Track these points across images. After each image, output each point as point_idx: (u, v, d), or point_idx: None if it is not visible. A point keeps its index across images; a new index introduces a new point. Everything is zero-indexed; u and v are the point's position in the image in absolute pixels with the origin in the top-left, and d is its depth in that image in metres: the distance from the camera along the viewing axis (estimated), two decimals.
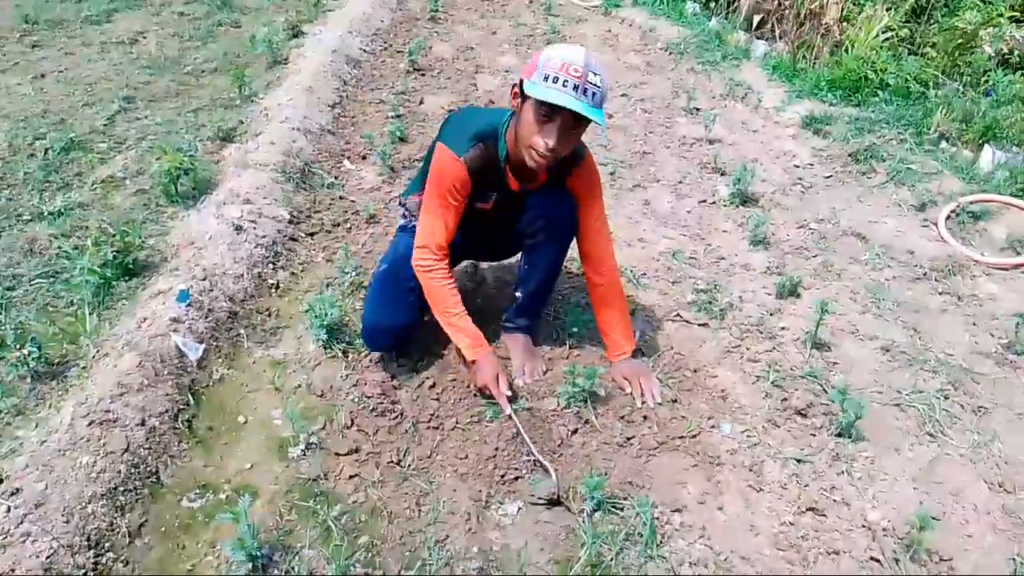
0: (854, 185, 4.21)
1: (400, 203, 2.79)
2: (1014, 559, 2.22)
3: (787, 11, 5.72)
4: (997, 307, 3.29)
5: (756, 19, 5.99)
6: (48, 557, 1.91)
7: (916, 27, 5.38)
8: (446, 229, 2.47)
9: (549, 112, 2.17)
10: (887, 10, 5.40)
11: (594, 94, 2.16)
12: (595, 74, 2.15)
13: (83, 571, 1.94)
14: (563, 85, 2.13)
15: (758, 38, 5.90)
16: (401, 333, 2.66)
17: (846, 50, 5.33)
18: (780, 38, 5.78)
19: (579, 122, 2.22)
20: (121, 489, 2.14)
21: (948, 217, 3.83)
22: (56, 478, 2.08)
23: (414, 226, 2.61)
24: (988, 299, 3.35)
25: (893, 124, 4.62)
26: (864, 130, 4.59)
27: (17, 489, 2.06)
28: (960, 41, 4.95)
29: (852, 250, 3.65)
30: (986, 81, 4.66)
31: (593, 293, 2.74)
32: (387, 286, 2.62)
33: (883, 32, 5.30)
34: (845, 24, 5.50)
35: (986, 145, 4.24)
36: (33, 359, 2.45)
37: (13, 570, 1.86)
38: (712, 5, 6.66)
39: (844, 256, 3.59)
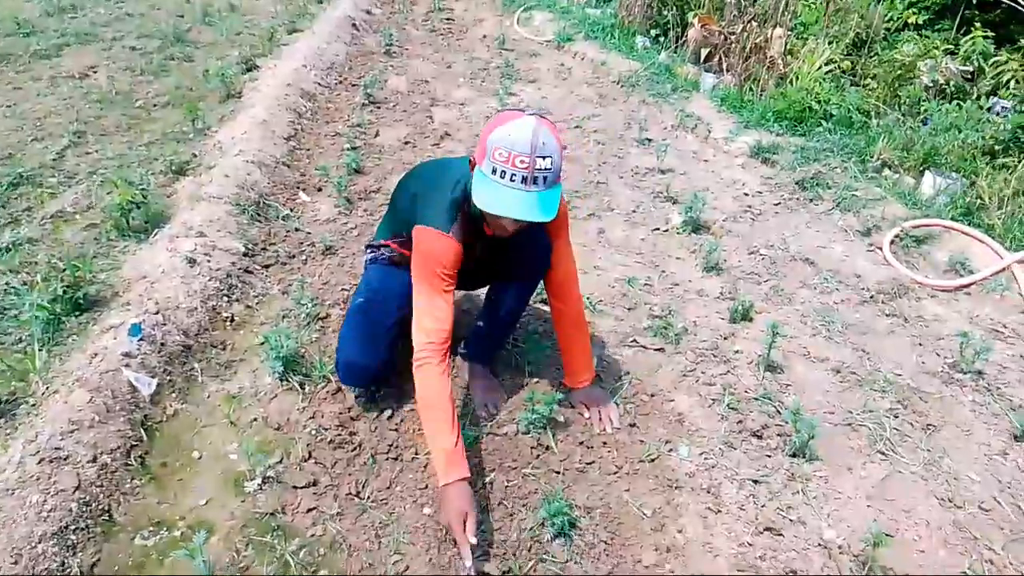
0: (802, 212, 4.32)
1: (368, 246, 2.77)
2: (965, 573, 2.27)
3: (733, 45, 5.89)
4: (942, 327, 3.40)
5: (704, 52, 6.15)
6: None
7: (857, 59, 5.59)
8: (446, 314, 2.31)
9: None
10: (829, 43, 5.60)
11: (545, 179, 2.13)
12: (543, 157, 2.10)
13: None
14: (511, 179, 2.11)
15: (706, 71, 6.06)
16: (378, 371, 2.60)
17: (791, 82, 5.50)
18: (727, 71, 5.94)
19: None
20: (72, 528, 2.09)
21: (892, 241, 3.95)
22: (4, 518, 2.03)
23: (385, 257, 2.61)
24: (933, 320, 3.46)
25: (837, 152, 4.77)
26: (810, 159, 4.73)
27: None
28: (899, 72, 5.15)
29: (801, 275, 3.74)
30: (924, 110, 4.84)
31: (557, 321, 2.74)
32: (362, 323, 2.58)
33: (826, 64, 5.50)
34: (789, 57, 5.68)
35: (926, 171, 4.40)
36: None
37: None
38: (661, 39, 6.83)
39: (794, 280, 3.68)
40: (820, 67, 5.47)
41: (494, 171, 2.13)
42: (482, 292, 2.88)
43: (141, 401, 2.52)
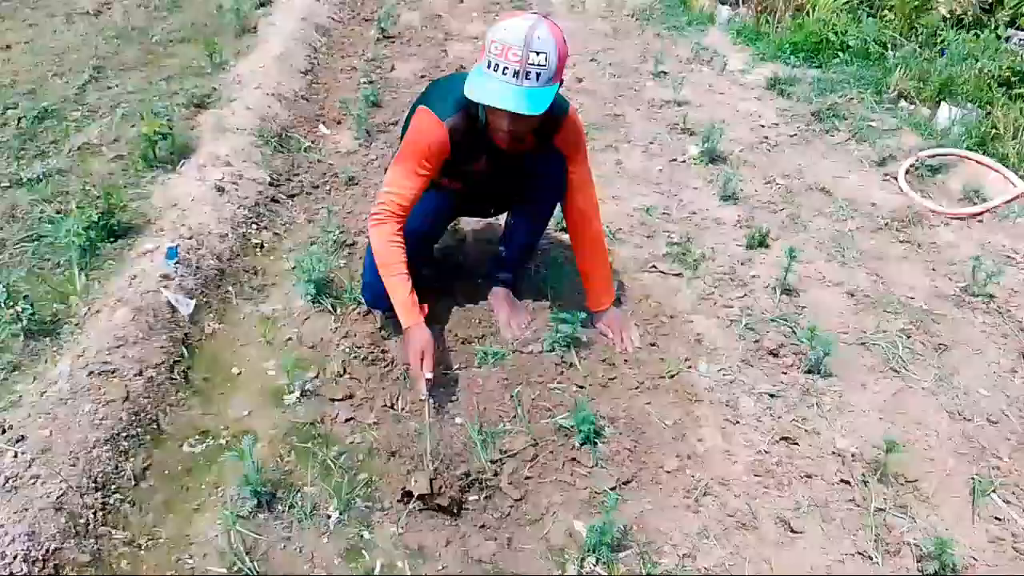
0: (818, 143, 4.35)
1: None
2: (973, 479, 2.38)
3: None
4: (955, 253, 3.45)
5: None
6: (58, 497, 1.97)
7: None
8: (411, 191, 2.43)
9: None
10: None
11: (538, 74, 2.15)
12: (537, 53, 2.12)
13: (92, 510, 2.01)
14: (503, 72, 2.14)
15: (722, 3, 6.00)
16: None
17: (807, 14, 5.45)
18: (743, 3, 5.88)
19: None
20: (123, 435, 2.20)
21: (907, 171, 3.99)
22: (60, 425, 2.14)
23: None
24: (946, 246, 3.51)
25: (854, 84, 4.77)
26: (826, 90, 4.74)
27: (22, 436, 2.11)
28: (916, 3, 5.10)
29: (817, 203, 3.79)
30: (941, 41, 4.82)
31: (577, 247, 2.81)
32: None
33: None
34: None
35: (942, 102, 4.41)
36: (26, 316, 2.48)
37: (26, 509, 1.91)
38: None
39: (810, 209, 3.73)
40: None
41: (488, 64, 2.18)
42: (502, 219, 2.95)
43: (181, 320, 2.62)
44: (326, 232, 3.17)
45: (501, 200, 2.86)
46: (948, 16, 4.95)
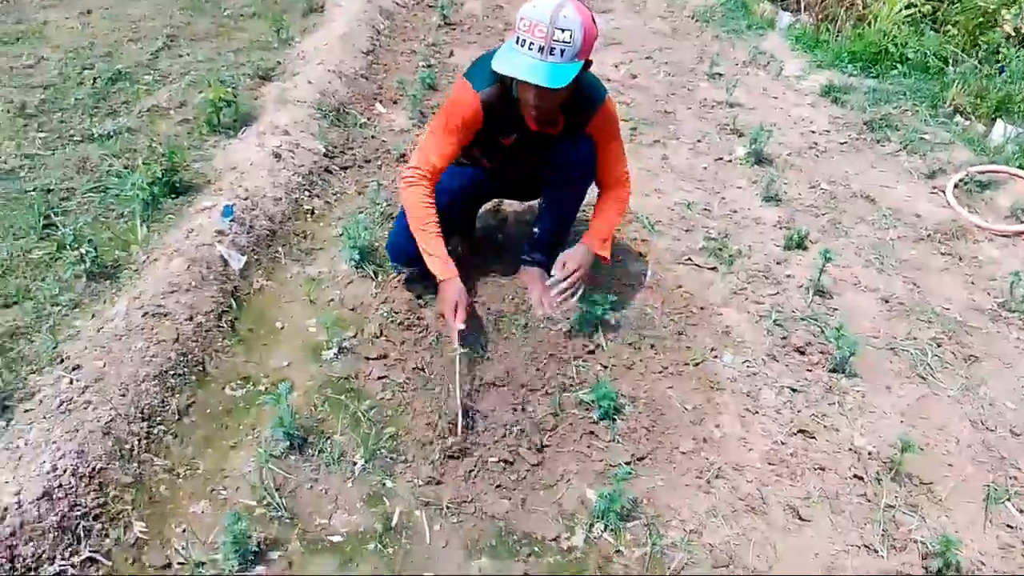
0: (868, 152, 4.34)
1: None
2: (988, 486, 2.39)
3: None
4: (996, 269, 3.44)
5: None
6: (107, 423, 2.13)
7: (939, 4, 5.46)
8: (442, 156, 2.58)
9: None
10: None
11: (562, 51, 2.23)
12: (562, 30, 2.20)
13: (137, 438, 2.16)
14: (528, 48, 2.24)
15: (783, 9, 6.00)
16: (415, 253, 2.73)
17: (869, 24, 5.43)
18: (805, 10, 5.88)
19: None
20: (171, 373, 2.36)
21: (956, 185, 3.96)
22: (113, 358, 2.30)
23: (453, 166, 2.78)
24: (988, 262, 3.50)
25: (910, 96, 4.74)
26: (881, 101, 4.72)
27: (78, 366, 2.27)
28: (980, 20, 5.04)
29: (861, 211, 3.79)
30: (1002, 59, 4.76)
31: (597, 200, 2.88)
32: None
33: (906, 8, 5.40)
34: None
35: (998, 119, 4.37)
36: (90, 259, 2.65)
37: (77, 430, 2.07)
38: None
39: (852, 216, 3.74)
40: (900, 10, 5.37)
41: (517, 40, 2.28)
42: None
43: (232, 274, 2.77)
44: (374, 204, 3.30)
45: (531, 181, 2.95)
46: (1012, 34, 4.89)
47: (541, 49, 2.23)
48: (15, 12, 4.79)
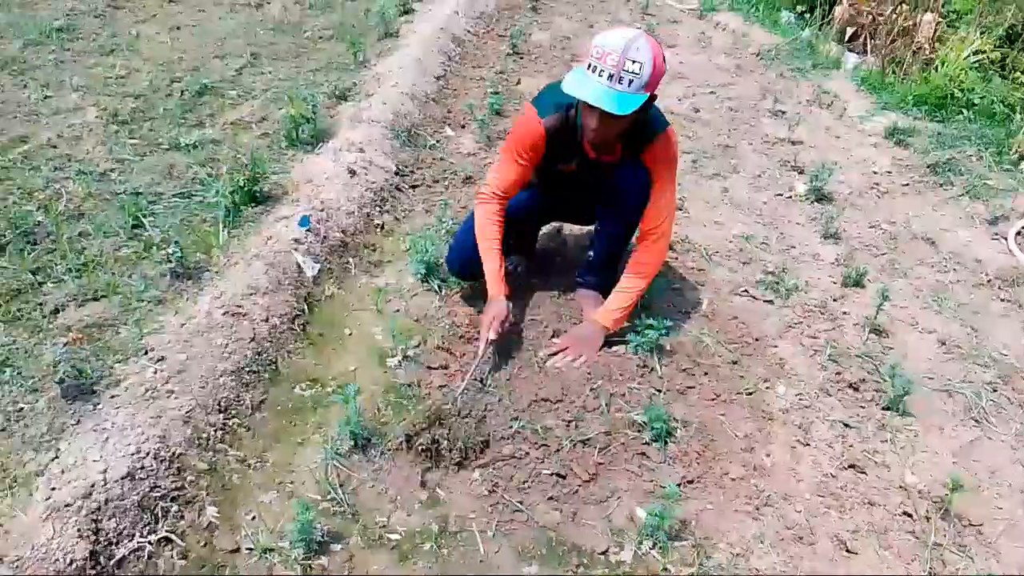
0: (929, 195, 4.34)
1: None
2: None
3: (881, 26, 5.84)
4: None
5: (849, 31, 6.13)
6: (187, 411, 2.27)
7: (1008, 52, 5.44)
8: (510, 180, 2.74)
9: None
10: (980, 33, 5.47)
11: (631, 81, 2.33)
12: (633, 61, 2.30)
13: (214, 428, 2.30)
14: (599, 74, 2.34)
15: (850, 50, 6.03)
16: (476, 263, 2.84)
17: (936, 68, 5.42)
18: (871, 52, 5.90)
19: None
20: (246, 370, 2.50)
21: (1019, 232, 3.94)
22: (195, 352, 2.45)
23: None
24: None
25: (974, 142, 4.73)
26: (945, 145, 4.71)
27: (162, 357, 2.43)
28: None
29: (920, 253, 3.80)
30: None
31: (631, 257, 2.91)
32: (473, 225, 2.86)
33: (974, 54, 5.39)
34: (937, 43, 5.59)
35: None
36: (175, 259, 2.81)
37: (160, 417, 2.21)
38: (807, 16, 6.80)
39: (912, 257, 3.75)
40: (968, 56, 5.36)
41: (588, 66, 2.38)
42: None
43: (306, 280, 2.92)
44: (440, 222, 3.43)
45: (588, 206, 3.02)
46: None
47: (611, 76, 2.32)
48: (110, 26, 5.09)
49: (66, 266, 2.86)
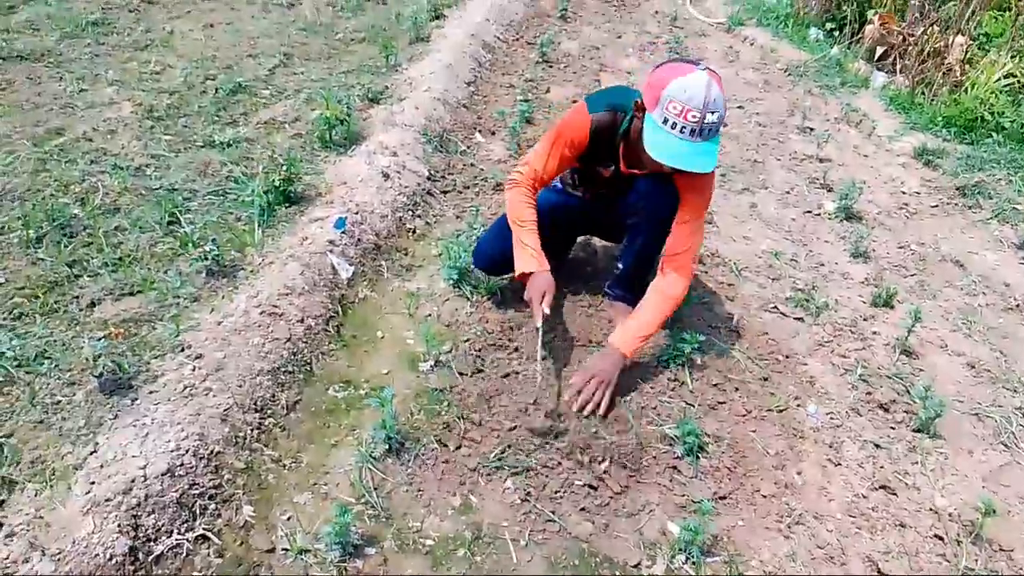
0: (958, 217, 4.33)
1: None
2: None
3: (911, 47, 5.83)
4: None
5: (879, 51, 6.11)
6: (225, 410, 2.28)
7: None
8: (547, 167, 2.74)
9: None
10: (1012, 56, 5.45)
11: (710, 130, 2.35)
12: (712, 112, 2.31)
13: (250, 427, 2.31)
14: (680, 131, 2.33)
15: (879, 69, 6.02)
16: (499, 260, 2.91)
17: (965, 90, 5.41)
18: (900, 72, 5.89)
19: None
20: (282, 370, 2.51)
21: None
22: (233, 351, 2.46)
23: (554, 186, 2.91)
24: None
25: (1004, 165, 4.71)
26: (975, 167, 4.70)
27: (200, 355, 2.44)
28: None
29: (949, 275, 3.79)
30: None
31: (652, 283, 2.81)
32: (503, 222, 2.89)
33: (1005, 77, 5.37)
34: (967, 65, 5.57)
35: None
36: (211, 256, 2.83)
37: (199, 414, 2.22)
38: (836, 34, 6.80)
39: (940, 279, 3.74)
40: (998, 79, 5.35)
41: (665, 121, 2.36)
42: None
43: (340, 282, 2.93)
44: (471, 228, 3.43)
45: (612, 223, 3.02)
46: None
47: (693, 132, 2.33)
48: (144, 21, 5.13)
49: (102, 260, 2.88)
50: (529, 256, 2.71)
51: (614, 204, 2.90)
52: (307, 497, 2.21)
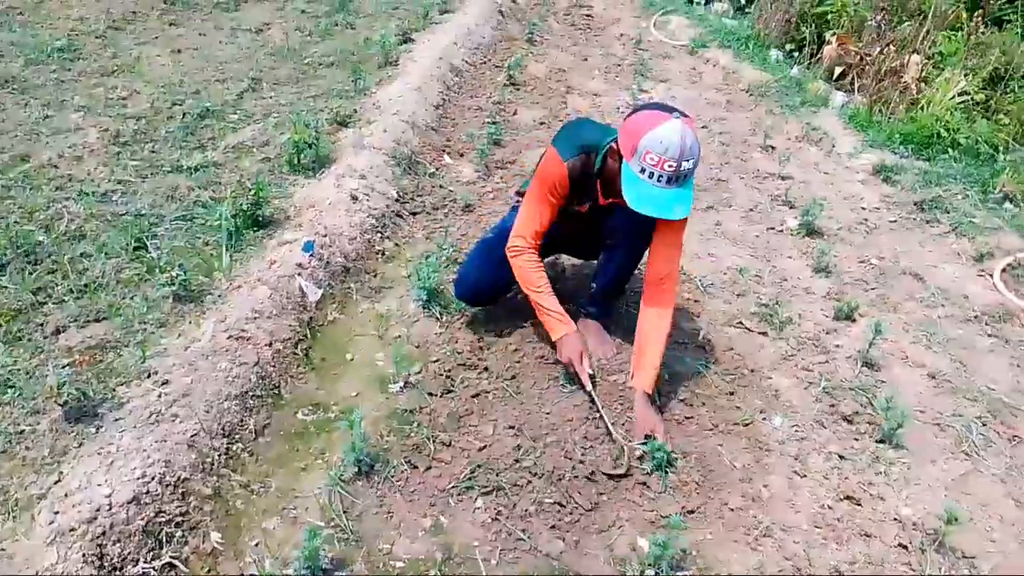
0: (917, 231, 4.43)
1: (517, 192, 3.15)
2: None
3: (868, 67, 5.97)
4: None
5: (837, 71, 6.26)
6: (192, 436, 2.28)
7: (992, 93, 5.59)
8: (540, 222, 2.78)
9: None
10: (965, 75, 5.62)
11: (685, 176, 2.42)
12: (688, 160, 2.38)
13: (218, 452, 2.31)
14: (657, 180, 2.40)
15: (837, 89, 6.16)
16: (484, 291, 2.99)
17: (922, 108, 5.56)
18: (859, 91, 6.03)
19: None
20: (250, 394, 2.52)
21: (1004, 269, 4.03)
22: (200, 376, 2.46)
23: None
24: None
25: (960, 180, 4.84)
26: (932, 183, 4.82)
27: (166, 381, 2.43)
28: None
29: (909, 288, 3.87)
30: None
31: (642, 310, 2.82)
32: (487, 250, 2.97)
33: (959, 95, 5.52)
34: (923, 84, 5.73)
35: None
36: (178, 282, 2.82)
37: (165, 441, 2.21)
38: (796, 55, 6.94)
39: (901, 292, 3.82)
40: (953, 97, 5.50)
41: (643, 171, 2.42)
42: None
43: (308, 305, 2.94)
44: (441, 249, 3.46)
45: (588, 245, 3.10)
46: None
47: (669, 180, 2.40)
48: (111, 47, 5.11)
49: (68, 287, 2.86)
50: (556, 321, 2.80)
51: (591, 230, 2.95)
52: (276, 522, 2.20)
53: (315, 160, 3.87)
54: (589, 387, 2.72)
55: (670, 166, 2.36)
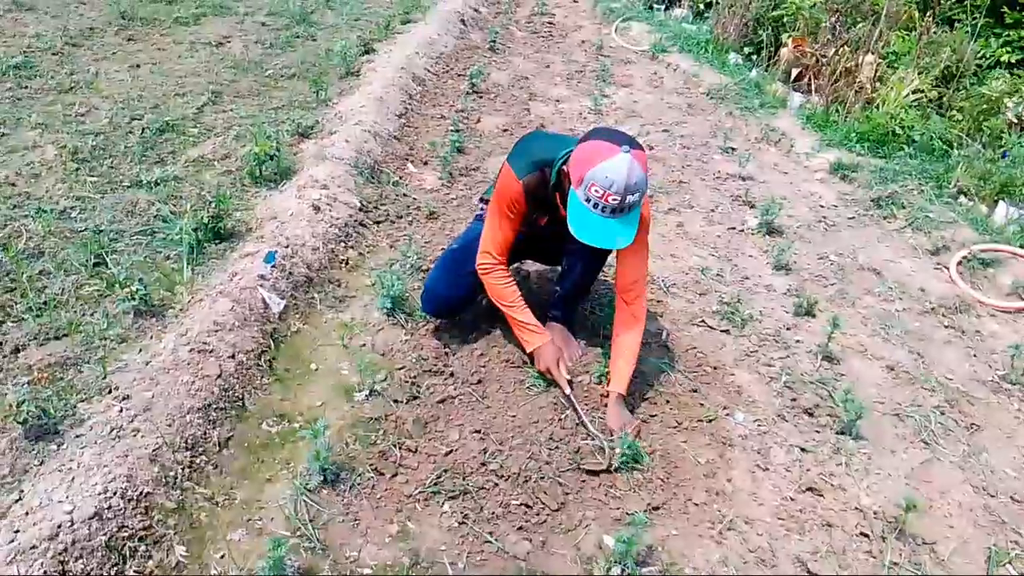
0: (874, 228, 4.52)
1: (481, 199, 3.18)
2: (990, 548, 2.49)
3: (824, 68, 6.08)
4: (997, 343, 3.57)
5: (794, 72, 6.37)
6: (154, 450, 2.26)
7: (945, 91, 5.71)
8: (504, 236, 2.82)
9: None
10: (919, 73, 5.74)
11: (630, 208, 2.45)
12: (633, 193, 2.40)
13: (181, 466, 2.29)
14: (601, 210, 2.43)
15: (795, 90, 6.27)
16: (454, 303, 3.02)
17: (877, 107, 5.67)
18: (816, 91, 6.14)
19: None
20: (213, 407, 2.50)
21: (959, 262, 4.13)
22: (161, 390, 2.44)
23: None
24: (990, 336, 3.63)
25: (916, 176, 4.94)
26: (888, 180, 4.92)
27: (127, 396, 2.42)
28: (985, 106, 5.28)
29: (867, 283, 3.95)
30: (1004, 144, 4.97)
31: (617, 316, 2.88)
32: (453, 262, 2.98)
33: (913, 93, 5.65)
34: (878, 83, 5.84)
35: (1001, 201, 4.55)
36: (139, 297, 2.81)
37: (127, 456, 2.20)
38: (754, 58, 7.06)
39: (859, 287, 3.90)
40: (907, 95, 5.62)
41: (588, 200, 2.45)
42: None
43: (271, 316, 2.93)
44: (405, 257, 3.47)
45: (550, 253, 3.15)
46: (1015, 121, 5.12)
47: (614, 211, 2.43)
48: (69, 64, 5.06)
49: (26, 305, 2.83)
50: (530, 332, 2.87)
51: (554, 239, 2.96)
52: (241, 534, 2.19)
53: (277, 172, 3.87)
54: (568, 391, 2.77)
55: (615, 199, 2.40)
